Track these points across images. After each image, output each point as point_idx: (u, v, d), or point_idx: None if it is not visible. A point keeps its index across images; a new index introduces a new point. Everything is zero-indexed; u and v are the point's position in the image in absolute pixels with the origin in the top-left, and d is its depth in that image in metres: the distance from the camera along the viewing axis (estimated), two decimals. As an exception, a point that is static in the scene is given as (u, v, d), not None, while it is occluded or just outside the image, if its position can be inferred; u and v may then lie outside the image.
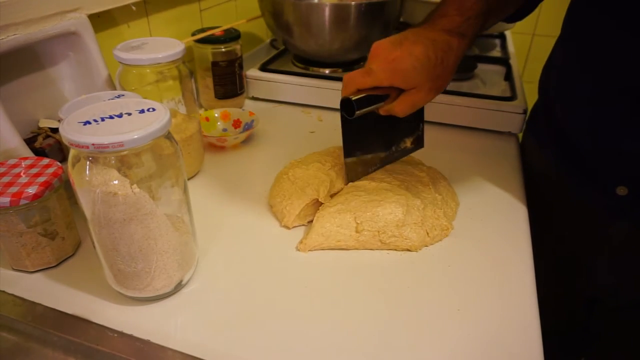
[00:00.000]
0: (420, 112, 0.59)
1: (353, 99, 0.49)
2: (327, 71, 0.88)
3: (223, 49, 0.77)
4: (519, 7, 0.59)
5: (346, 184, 0.57)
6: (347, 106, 0.50)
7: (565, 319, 0.72)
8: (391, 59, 0.48)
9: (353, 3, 0.77)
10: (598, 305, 0.66)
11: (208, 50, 0.77)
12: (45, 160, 0.48)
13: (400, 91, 0.51)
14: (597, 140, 0.54)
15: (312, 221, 0.55)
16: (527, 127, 0.73)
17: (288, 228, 0.54)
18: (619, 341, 0.65)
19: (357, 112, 0.49)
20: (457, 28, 0.50)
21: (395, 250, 0.51)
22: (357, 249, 0.51)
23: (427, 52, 0.48)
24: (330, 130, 0.78)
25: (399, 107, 0.51)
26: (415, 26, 0.52)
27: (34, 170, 0.46)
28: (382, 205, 0.51)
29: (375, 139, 0.58)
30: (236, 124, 0.74)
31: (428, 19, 0.53)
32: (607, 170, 0.54)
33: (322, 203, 0.55)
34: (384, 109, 0.52)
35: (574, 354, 0.74)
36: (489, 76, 0.89)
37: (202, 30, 0.79)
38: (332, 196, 0.56)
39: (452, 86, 0.79)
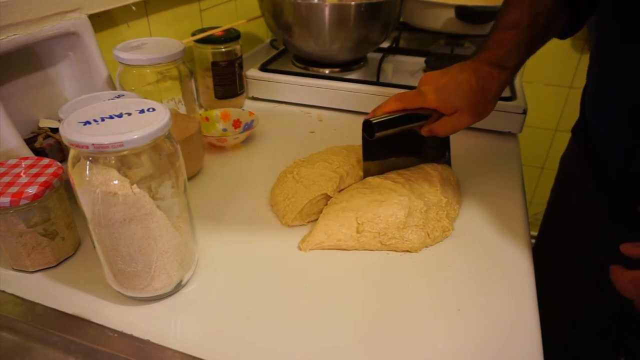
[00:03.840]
0: (446, 141, 0.63)
1: (374, 121, 0.52)
2: (327, 71, 0.88)
3: (223, 49, 0.77)
4: (564, 26, 0.60)
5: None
6: (368, 128, 0.54)
7: (597, 334, 0.71)
8: (439, 85, 0.54)
9: (353, 3, 0.77)
10: (632, 323, 0.65)
11: (208, 50, 0.77)
12: (45, 160, 0.48)
13: (441, 114, 0.55)
14: (620, 158, 0.54)
15: (313, 221, 0.55)
16: (572, 134, 0.72)
17: (288, 226, 0.54)
18: None
19: (377, 135, 0.53)
20: (497, 60, 0.55)
21: (395, 251, 0.51)
22: (357, 249, 0.51)
23: (469, 79, 0.54)
24: (330, 130, 0.78)
25: (441, 128, 0.55)
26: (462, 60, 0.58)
27: (34, 170, 0.46)
28: (384, 206, 0.51)
29: (396, 159, 0.61)
30: (236, 124, 0.75)
31: (473, 54, 0.58)
32: (630, 187, 0.54)
33: (326, 202, 0.55)
34: (426, 129, 0.56)
35: None
36: (489, 76, 0.88)
37: (202, 30, 0.79)
38: (339, 191, 0.56)
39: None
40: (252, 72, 0.85)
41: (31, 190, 0.43)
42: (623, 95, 0.51)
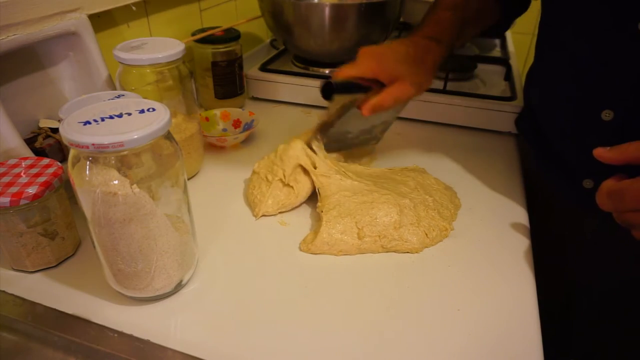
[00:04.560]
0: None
1: (333, 81, 0.54)
2: (327, 71, 0.88)
3: (223, 49, 0.77)
4: (494, 23, 0.66)
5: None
6: (326, 89, 0.55)
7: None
8: (375, 54, 0.56)
9: (353, 3, 0.77)
10: (577, 302, 0.66)
11: (208, 50, 0.77)
12: (46, 160, 0.48)
13: (382, 87, 0.56)
14: (567, 134, 0.56)
15: (284, 212, 0.56)
16: (516, 125, 0.73)
17: (258, 218, 0.55)
18: (600, 338, 0.65)
19: (335, 96, 0.55)
20: (434, 35, 0.59)
21: (396, 252, 0.51)
22: (360, 253, 0.51)
23: (407, 49, 0.56)
24: (330, 130, 0.77)
25: (383, 99, 0.55)
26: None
27: (34, 170, 0.46)
28: (376, 206, 0.51)
29: (351, 126, 0.62)
30: (236, 124, 0.75)
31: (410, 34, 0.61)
32: (575, 163, 0.56)
33: (288, 188, 0.56)
34: (367, 107, 0.55)
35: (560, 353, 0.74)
36: (489, 76, 0.89)
37: (202, 30, 0.79)
38: (320, 198, 0.56)
39: (451, 86, 0.79)
40: (252, 72, 0.85)
41: (31, 190, 0.43)
42: (557, 75, 0.56)
